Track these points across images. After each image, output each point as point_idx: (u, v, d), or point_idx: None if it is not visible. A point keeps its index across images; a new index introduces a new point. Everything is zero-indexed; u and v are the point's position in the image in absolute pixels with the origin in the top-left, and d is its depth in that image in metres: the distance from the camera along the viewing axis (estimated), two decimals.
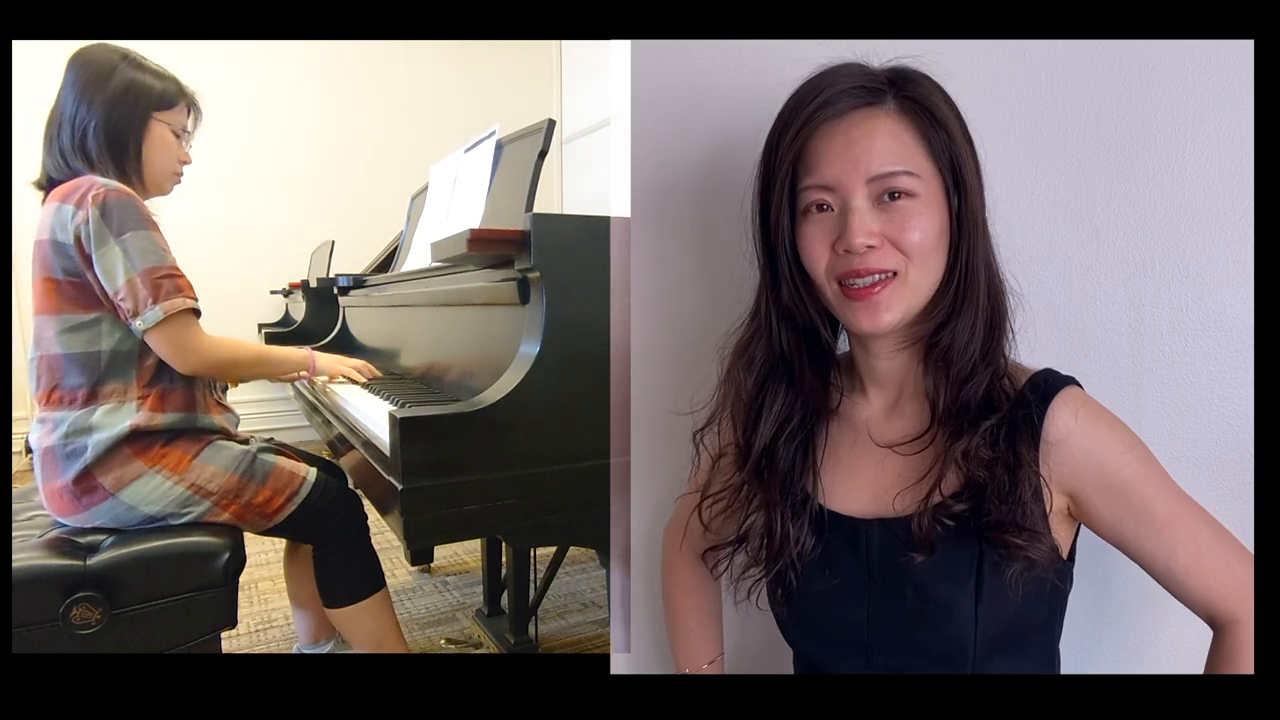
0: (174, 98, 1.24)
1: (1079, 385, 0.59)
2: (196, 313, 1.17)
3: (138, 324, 1.11)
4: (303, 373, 1.41)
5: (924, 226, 0.56)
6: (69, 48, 1.19)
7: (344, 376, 1.48)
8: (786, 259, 0.62)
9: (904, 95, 0.58)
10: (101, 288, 1.12)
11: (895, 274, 0.57)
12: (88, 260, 1.10)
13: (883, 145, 0.56)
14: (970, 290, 0.58)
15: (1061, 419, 0.56)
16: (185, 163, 1.29)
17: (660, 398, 0.92)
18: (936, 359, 0.60)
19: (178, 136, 1.25)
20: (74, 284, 1.13)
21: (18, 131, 1.55)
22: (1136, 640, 0.75)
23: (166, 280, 1.12)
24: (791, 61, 0.62)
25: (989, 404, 0.58)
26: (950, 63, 0.61)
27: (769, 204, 0.61)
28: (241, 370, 1.30)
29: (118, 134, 1.18)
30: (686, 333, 0.92)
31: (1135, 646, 0.75)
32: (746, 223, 0.65)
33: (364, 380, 1.48)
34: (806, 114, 0.58)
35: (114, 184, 1.13)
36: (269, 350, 1.38)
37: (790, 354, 0.65)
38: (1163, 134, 0.68)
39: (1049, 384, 0.58)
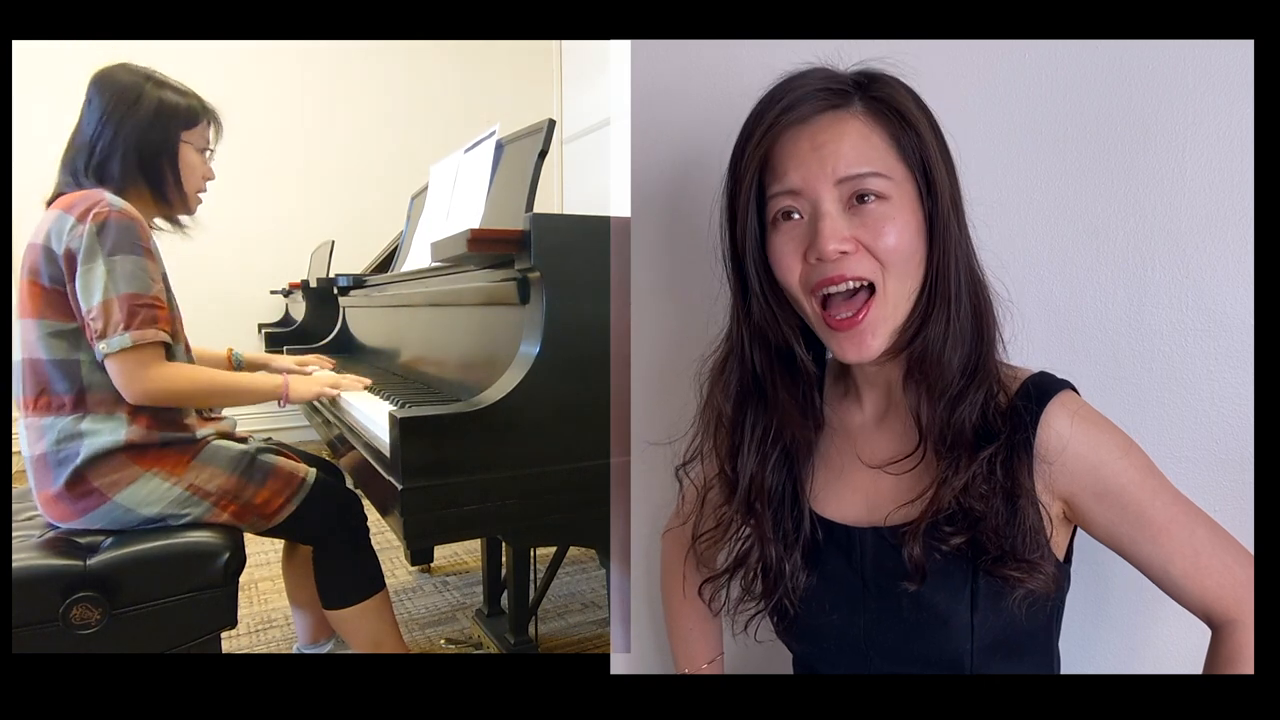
0: (197, 114, 1.25)
1: (1074, 389, 0.58)
2: (166, 347, 1.14)
3: (102, 346, 1.08)
4: (279, 401, 1.32)
5: (899, 230, 0.55)
6: (89, 59, 1.19)
7: (320, 399, 1.41)
8: (756, 273, 0.60)
9: (871, 96, 0.56)
10: (77, 303, 1.10)
11: (873, 289, 0.55)
12: (72, 274, 1.09)
13: (851, 147, 0.55)
14: (943, 295, 0.56)
15: (1057, 426, 0.55)
16: (209, 179, 1.30)
17: (660, 398, 0.92)
18: (915, 369, 0.58)
19: (201, 153, 1.27)
20: (59, 292, 1.11)
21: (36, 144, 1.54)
22: (1134, 640, 0.75)
23: (145, 309, 1.10)
24: (792, 61, 0.61)
25: (985, 428, 0.56)
26: (950, 63, 0.61)
27: (735, 215, 0.60)
28: (196, 403, 1.23)
29: (152, 160, 1.19)
30: (686, 332, 0.91)
31: (1133, 646, 0.75)
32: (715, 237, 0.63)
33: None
34: (770, 119, 0.56)
35: (121, 204, 1.11)
36: (233, 381, 1.28)
37: (764, 376, 0.63)
38: (1163, 134, 0.67)
39: (1042, 390, 0.57)
